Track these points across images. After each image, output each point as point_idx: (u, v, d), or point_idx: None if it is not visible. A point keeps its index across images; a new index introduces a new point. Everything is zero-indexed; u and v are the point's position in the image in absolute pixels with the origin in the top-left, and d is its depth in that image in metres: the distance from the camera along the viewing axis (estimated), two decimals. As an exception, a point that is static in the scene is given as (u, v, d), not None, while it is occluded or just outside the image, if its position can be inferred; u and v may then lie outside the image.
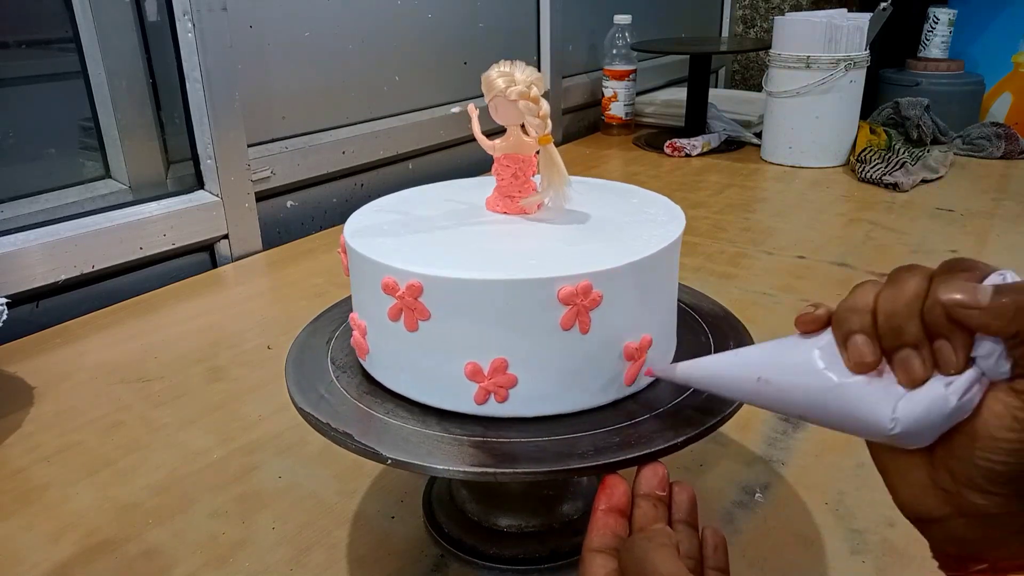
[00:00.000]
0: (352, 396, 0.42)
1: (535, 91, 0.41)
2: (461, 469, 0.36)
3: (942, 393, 0.27)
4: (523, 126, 0.42)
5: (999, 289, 0.26)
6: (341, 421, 0.40)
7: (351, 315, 0.44)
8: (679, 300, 0.46)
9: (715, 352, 0.45)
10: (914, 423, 0.28)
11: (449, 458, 0.37)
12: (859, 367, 0.29)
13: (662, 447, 0.37)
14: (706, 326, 0.48)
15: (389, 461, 0.37)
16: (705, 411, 0.39)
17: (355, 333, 0.43)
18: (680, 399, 0.41)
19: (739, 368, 0.34)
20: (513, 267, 0.38)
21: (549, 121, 0.42)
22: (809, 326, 0.31)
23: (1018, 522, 0.27)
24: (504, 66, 0.41)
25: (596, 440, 0.38)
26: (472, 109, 0.46)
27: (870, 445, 0.32)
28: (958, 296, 0.26)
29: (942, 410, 0.27)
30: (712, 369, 0.36)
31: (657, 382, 0.42)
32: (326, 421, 0.40)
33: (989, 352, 0.27)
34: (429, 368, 0.40)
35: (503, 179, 0.45)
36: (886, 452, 0.31)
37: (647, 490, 0.35)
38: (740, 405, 0.39)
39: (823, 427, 0.31)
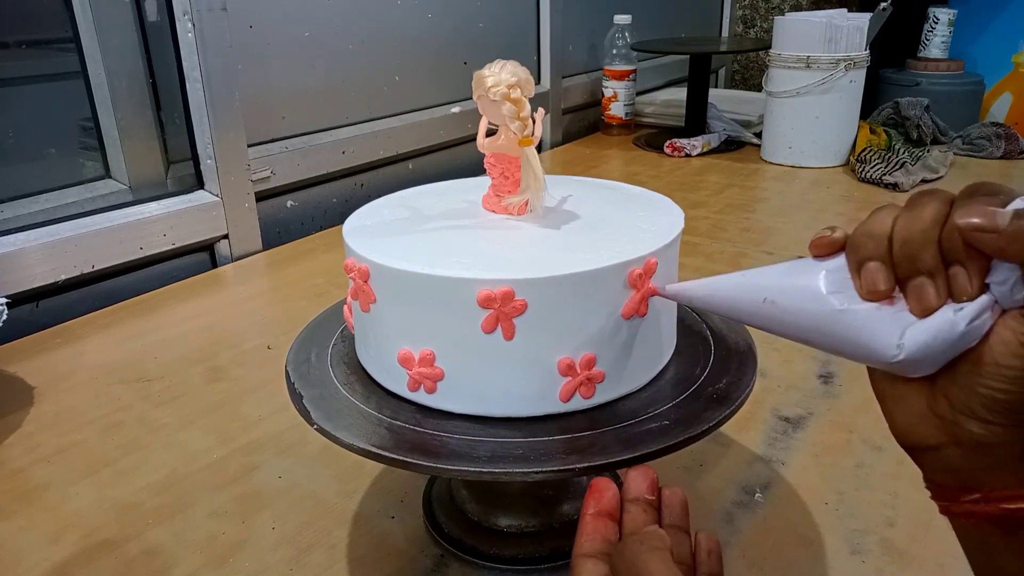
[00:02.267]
0: (332, 365, 0.46)
1: (516, 93, 0.40)
2: (360, 446, 0.38)
3: (950, 319, 0.26)
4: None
5: (1020, 213, 0.25)
6: (306, 383, 0.43)
7: None
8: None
9: (710, 368, 0.44)
10: (919, 350, 0.27)
11: (359, 435, 0.39)
12: (872, 295, 0.28)
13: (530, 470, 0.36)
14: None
15: (316, 426, 0.40)
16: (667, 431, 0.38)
17: (344, 308, 0.47)
18: (620, 426, 0.39)
19: (746, 289, 0.33)
20: (449, 265, 0.38)
21: (531, 124, 0.42)
22: (824, 249, 0.30)
23: (1012, 452, 0.27)
24: (496, 65, 0.41)
25: (496, 447, 0.37)
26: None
27: (870, 371, 0.31)
28: (976, 220, 0.25)
29: (949, 336, 0.27)
30: (717, 288, 0.35)
31: (612, 403, 0.41)
32: (294, 380, 0.44)
33: (1005, 279, 0.26)
34: (376, 348, 0.43)
35: (494, 178, 0.45)
36: (885, 378, 0.30)
37: (636, 494, 0.34)
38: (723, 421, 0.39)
39: (827, 352, 0.31)
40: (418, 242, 0.42)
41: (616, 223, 0.44)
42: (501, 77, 0.40)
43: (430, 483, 0.54)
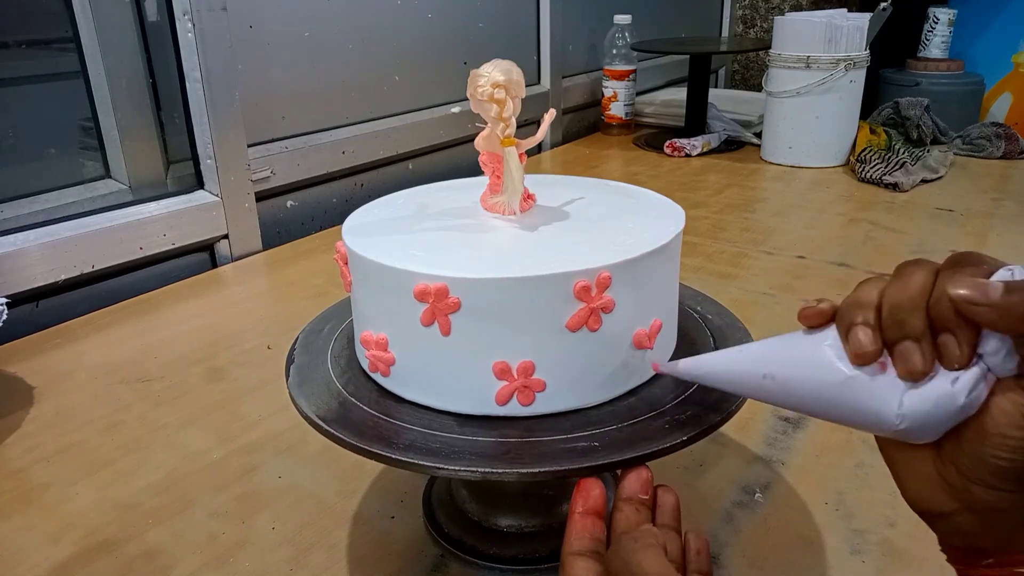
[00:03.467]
0: (336, 339, 0.48)
1: (501, 93, 0.40)
2: (307, 413, 0.40)
3: (948, 390, 0.27)
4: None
5: (1010, 287, 0.25)
6: (304, 351, 0.47)
7: None
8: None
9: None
10: (920, 419, 0.28)
11: (311, 403, 0.41)
12: (859, 358, 0.29)
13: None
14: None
15: (289, 392, 0.43)
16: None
17: None
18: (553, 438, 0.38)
19: (744, 364, 0.34)
20: (398, 256, 0.39)
21: (513, 124, 0.42)
22: (813, 320, 0.31)
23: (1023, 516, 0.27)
24: (491, 64, 0.41)
25: (417, 437, 0.38)
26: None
27: (878, 439, 0.32)
28: (967, 292, 0.26)
29: (948, 407, 0.27)
30: (716, 366, 0.36)
31: (560, 415, 0.40)
32: (296, 347, 0.47)
33: (996, 349, 0.26)
34: (355, 329, 0.45)
35: (488, 176, 0.45)
36: (894, 446, 0.31)
37: (629, 494, 0.35)
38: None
39: (830, 422, 0.31)
40: (399, 235, 0.43)
41: (607, 227, 0.43)
42: (490, 77, 0.40)
43: (430, 483, 0.54)
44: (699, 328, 0.48)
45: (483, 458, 0.37)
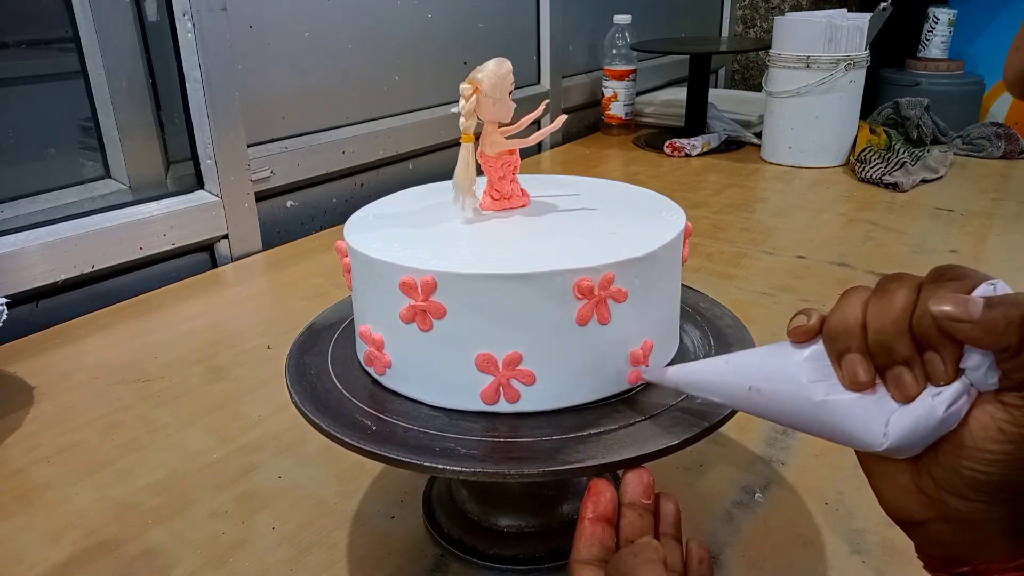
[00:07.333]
0: (331, 340, 0.49)
1: (467, 89, 0.41)
2: (306, 412, 0.40)
3: (929, 404, 0.27)
4: (499, 124, 0.43)
5: (990, 302, 0.26)
6: (301, 352, 0.47)
7: None
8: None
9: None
10: (904, 437, 0.28)
11: (311, 402, 0.42)
12: (855, 386, 0.29)
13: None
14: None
15: (288, 385, 0.43)
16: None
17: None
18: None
19: (730, 375, 0.34)
20: (381, 247, 0.40)
21: (474, 120, 0.42)
22: (802, 337, 0.31)
23: (998, 526, 0.28)
24: (490, 62, 0.42)
25: (413, 435, 0.39)
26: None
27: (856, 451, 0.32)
28: (948, 309, 0.26)
29: (929, 422, 0.27)
30: (703, 375, 0.35)
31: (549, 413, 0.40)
32: (294, 345, 0.48)
33: (978, 364, 0.27)
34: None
35: (487, 176, 0.45)
36: (871, 457, 0.31)
37: (632, 499, 0.35)
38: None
39: (817, 437, 0.31)
40: (401, 234, 0.43)
41: (602, 226, 0.44)
42: (472, 74, 0.41)
43: (430, 483, 0.54)
44: (699, 328, 0.48)
45: (483, 459, 0.37)
